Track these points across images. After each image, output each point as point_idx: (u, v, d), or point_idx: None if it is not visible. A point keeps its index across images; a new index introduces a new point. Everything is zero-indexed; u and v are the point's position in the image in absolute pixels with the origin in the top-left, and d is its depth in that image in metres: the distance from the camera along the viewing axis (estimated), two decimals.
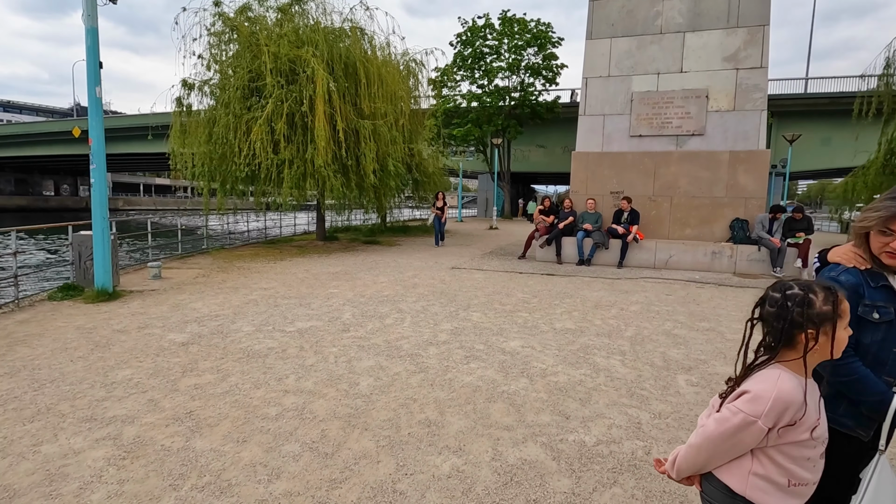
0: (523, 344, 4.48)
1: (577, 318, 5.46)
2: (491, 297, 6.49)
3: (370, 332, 4.81)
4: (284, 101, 10.61)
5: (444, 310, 5.76)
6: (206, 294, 6.56)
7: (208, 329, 4.84)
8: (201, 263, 9.58)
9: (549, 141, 37.16)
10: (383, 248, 12.93)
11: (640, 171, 9.68)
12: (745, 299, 6.64)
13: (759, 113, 9.02)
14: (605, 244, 9.34)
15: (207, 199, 12.47)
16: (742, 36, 9.01)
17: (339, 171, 11.43)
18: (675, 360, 4.11)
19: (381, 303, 6.10)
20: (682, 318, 5.59)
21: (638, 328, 5.10)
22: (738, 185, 9.13)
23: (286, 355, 4.10)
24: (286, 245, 13.22)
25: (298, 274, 8.33)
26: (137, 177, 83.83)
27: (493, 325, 5.14)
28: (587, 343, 4.55)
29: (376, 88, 11.78)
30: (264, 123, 10.41)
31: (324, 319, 5.25)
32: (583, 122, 10.08)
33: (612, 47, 9.76)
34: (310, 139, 10.71)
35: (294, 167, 10.85)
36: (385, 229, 18.07)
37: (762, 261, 8.62)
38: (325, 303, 6.07)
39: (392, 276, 8.11)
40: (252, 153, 10.58)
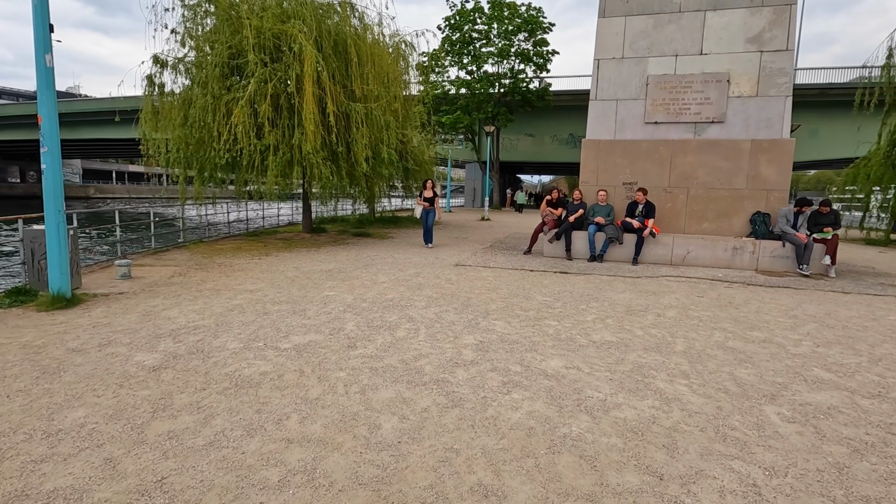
0: (566, 364, 3.79)
1: (613, 328, 4.79)
2: (509, 301, 5.78)
3: (381, 348, 4.06)
4: (269, 80, 9.66)
5: (460, 317, 5.03)
6: (183, 298, 5.70)
7: (186, 346, 4.02)
8: (177, 259, 8.65)
9: (537, 130, 36.50)
10: (376, 241, 12.11)
11: (654, 160, 9.05)
12: (785, 302, 6.07)
13: (783, 99, 8.44)
14: (619, 239, 8.71)
15: (184, 187, 11.47)
16: (767, 15, 8.38)
17: (329, 158, 10.56)
18: (750, 384, 3.46)
19: (386, 309, 5.34)
20: (729, 326, 4.97)
21: (687, 340, 4.46)
22: (760, 177, 8.57)
23: (284, 383, 3.33)
24: (270, 238, 12.30)
25: (287, 272, 7.50)
26: (110, 164, 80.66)
27: (522, 337, 4.44)
28: (639, 361, 3.88)
29: (369, 69, 10.89)
30: (246, 105, 9.45)
31: (324, 332, 4.47)
32: (594, 108, 9.38)
33: (627, 26, 9.05)
34: (297, 123, 9.79)
35: (279, 153, 9.94)
36: (375, 220, 17.23)
37: (786, 257, 8.10)
38: (323, 309, 5.28)
39: (392, 275, 7.34)
40: (233, 138, 9.63)
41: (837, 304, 6.03)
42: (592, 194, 9.34)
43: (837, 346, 4.36)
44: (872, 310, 5.75)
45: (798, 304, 6.00)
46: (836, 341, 4.52)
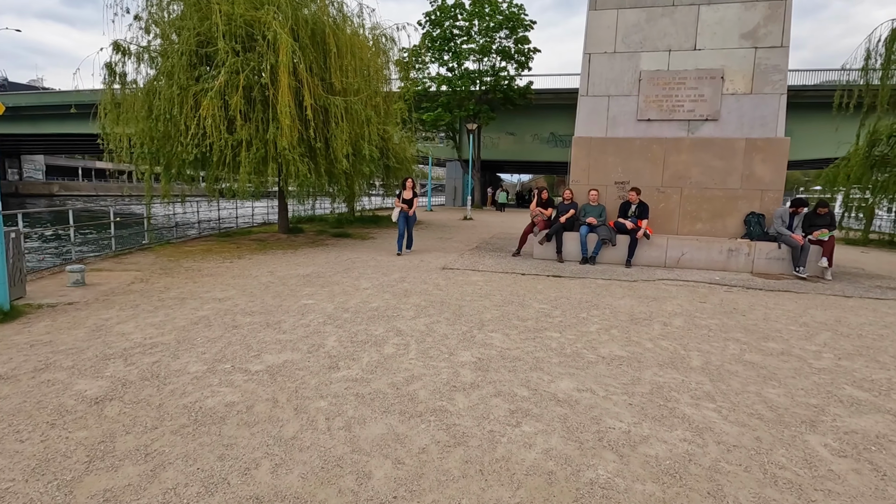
0: (577, 385, 3.37)
1: (620, 340, 4.40)
2: (504, 310, 5.35)
3: (368, 369, 3.57)
4: (241, 71, 9.01)
5: (453, 329, 4.57)
6: (142, 309, 5.09)
7: (138, 370, 3.46)
8: (140, 263, 7.96)
9: (518, 128, 36.27)
10: (356, 242, 11.56)
11: (647, 158, 8.75)
12: (790, 307, 5.80)
13: (778, 97, 8.24)
14: (612, 241, 8.38)
15: (149, 185, 10.71)
16: (762, 10, 8.16)
17: (307, 154, 9.95)
18: (783, 407, 3.10)
19: (371, 320, 4.84)
20: (741, 335, 4.64)
21: (702, 354, 4.09)
22: (755, 176, 8.35)
23: (254, 417, 2.82)
24: (244, 239, 11.62)
25: (261, 277, 6.92)
26: (76, 160, 77.51)
27: (524, 352, 4.01)
28: (656, 380, 3.49)
29: (348, 61, 10.31)
30: (216, 97, 8.79)
31: (301, 349, 3.95)
32: (584, 104, 9.03)
33: (619, 19, 8.72)
34: (271, 117, 9.17)
35: (253, 149, 9.31)
36: (354, 220, 16.62)
37: (782, 259, 7.89)
38: (300, 321, 4.75)
39: (376, 280, 6.84)
40: (202, 132, 8.95)
41: (844, 309, 5.79)
42: (583, 194, 9.00)
43: (860, 359, 4.06)
44: (881, 315, 5.52)
45: (804, 309, 5.73)
46: (857, 352, 4.22)
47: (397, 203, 9.38)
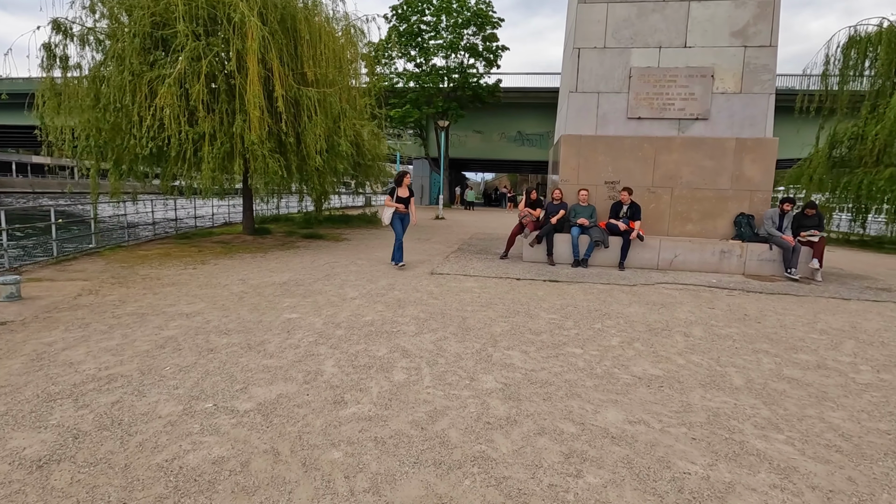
0: (626, 416, 2.94)
1: (648, 356, 4.03)
2: (512, 322, 4.89)
3: (380, 402, 3.02)
4: (203, 56, 8.16)
5: (465, 347, 4.07)
6: (94, 329, 4.31)
7: (94, 415, 2.77)
8: (88, 271, 7.03)
9: (486, 127, 36.07)
10: (330, 244, 10.84)
11: (638, 158, 8.52)
12: (799, 312, 5.63)
13: (767, 97, 8.17)
14: (604, 242, 8.09)
15: (96, 182, 9.63)
16: (752, 9, 8.06)
17: (276, 149, 9.18)
18: (856, 435, 2.78)
19: (369, 337, 4.27)
20: (767, 346, 4.36)
21: (739, 370, 3.77)
22: (745, 177, 8.27)
23: (252, 480, 2.22)
24: (205, 241, 10.69)
25: (232, 286, 6.18)
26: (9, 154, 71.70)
27: (552, 374, 3.55)
28: (708, 406, 3.11)
29: (322, 50, 9.59)
30: (174, 85, 7.92)
31: (296, 378, 3.35)
32: (574, 100, 8.70)
33: (609, 13, 8.43)
34: (238, 108, 8.39)
35: (217, 143, 8.49)
36: (324, 219, 15.81)
37: (773, 261, 7.82)
38: (287, 340, 4.12)
39: (362, 288, 6.24)
40: (159, 124, 8.05)
41: (851, 314, 5.67)
42: (572, 194, 8.68)
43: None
44: (890, 320, 5.41)
45: (814, 314, 5.57)
46: (891, 363, 4.01)
47: (389, 203, 7.64)
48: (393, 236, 7.90)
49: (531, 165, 46.90)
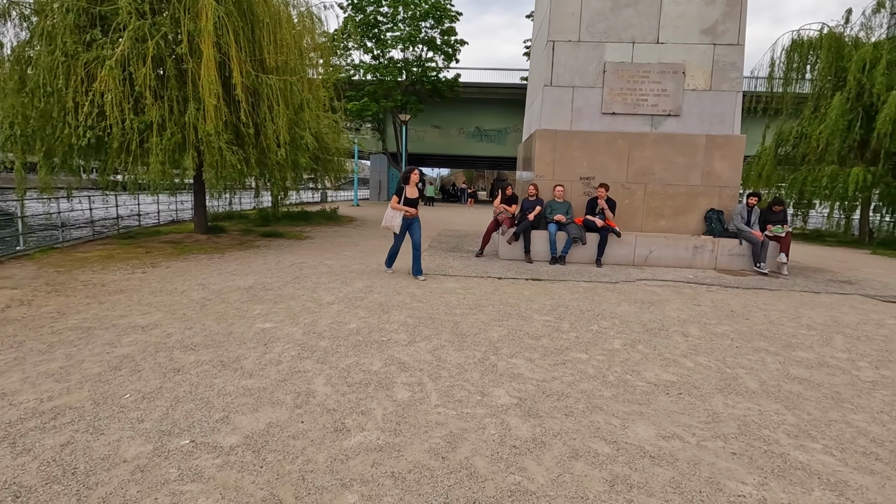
0: (657, 430, 2.72)
1: (655, 359, 3.87)
2: (507, 326, 4.62)
3: (388, 427, 2.65)
4: (149, 37, 7.36)
5: (465, 357, 3.76)
6: (30, 349, 3.67)
7: (38, 462, 2.25)
8: (17, 277, 6.17)
9: (444, 122, 35.77)
10: (293, 243, 10.21)
11: (613, 153, 8.48)
12: (780, 307, 5.70)
13: (735, 94, 8.33)
14: (582, 239, 7.99)
15: (22, 176, 8.58)
16: (721, 7, 8.17)
17: (234, 141, 8.49)
18: (886, 440, 2.70)
19: (358, 348, 3.87)
20: (764, 344, 4.33)
21: (749, 372, 3.67)
22: (714, 173, 8.40)
23: None
24: (152, 241, 9.80)
25: (191, 293, 5.57)
26: None
27: (565, 384, 3.31)
28: (734, 414, 2.95)
29: (281, 35, 8.94)
30: (116, 68, 7.09)
31: (285, 402, 2.92)
32: (549, 94, 8.54)
33: (584, 6, 8.31)
34: (191, 95, 7.63)
35: (167, 134, 7.71)
36: (281, 216, 15.00)
37: (743, 255, 7.99)
38: (266, 355, 3.66)
39: (338, 292, 5.79)
40: (98, 111, 7.21)
41: (828, 307, 5.80)
42: (547, 190, 8.53)
43: (894, 366, 3.87)
44: (863, 314, 5.57)
45: (795, 309, 5.65)
46: (884, 358, 4.06)
47: (396, 205, 6.45)
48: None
49: (488, 161, 47.12)
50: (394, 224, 6.50)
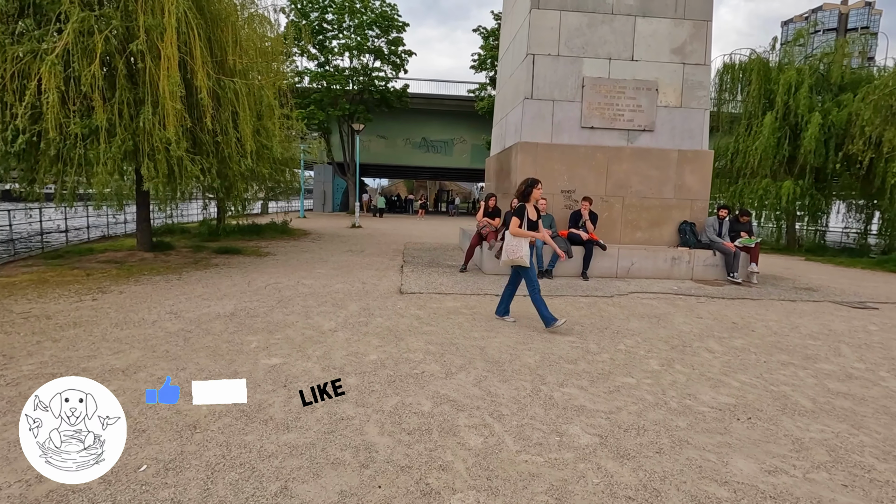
0: (757, 464, 2.57)
1: (699, 379, 3.78)
2: (534, 348, 4.37)
3: (480, 483, 2.29)
4: (97, 31, 6.47)
5: (515, 389, 3.46)
6: None
7: None
8: None
9: (390, 132, 35.39)
10: (254, 260, 9.40)
11: (592, 167, 8.57)
12: (773, 317, 5.90)
13: (703, 112, 8.72)
14: (569, 252, 7.95)
15: None
16: (688, 28, 8.54)
17: (191, 149, 7.68)
18: None
19: (393, 385, 3.45)
20: (785, 357, 4.39)
21: (794, 389, 3.66)
22: (685, 186, 8.72)
23: None
24: (88, 260, 8.63)
25: (165, 323, 4.83)
26: None
27: (634, 415, 3.10)
28: (812, 437, 2.88)
29: (245, 34, 8.27)
30: (59, 64, 6.14)
31: (346, 463, 2.46)
32: (529, 107, 8.50)
33: (562, 21, 8.38)
34: (147, 98, 6.78)
35: (116, 140, 6.79)
36: (231, 230, 13.91)
37: (717, 265, 8.32)
38: (291, 400, 3.14)
39: (335, 316, 5.28)
40: (31, 112, 6.22)
41: (813, 316, 6.09)
42: None
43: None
44: (846, 320, 5.90)
45: (786, 318, 5.88)
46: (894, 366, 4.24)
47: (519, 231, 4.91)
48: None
49: (430, 171, 47.18)
50: (521, 255, 4.90)
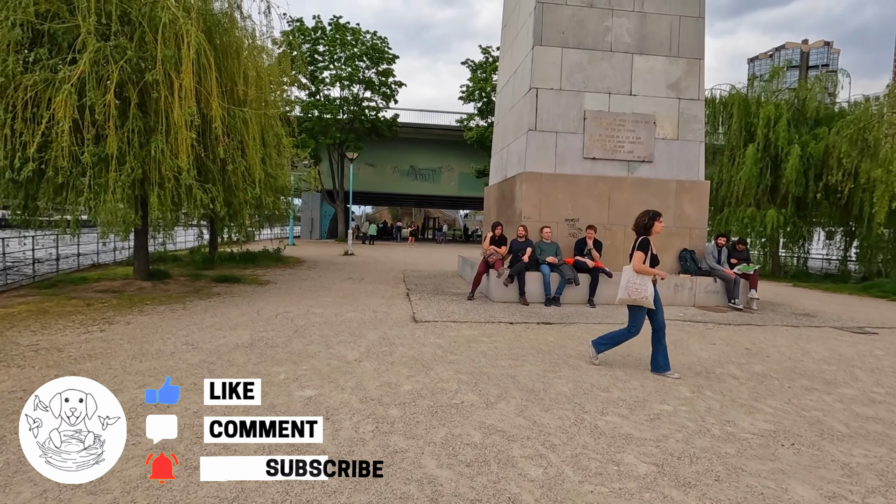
0: (814, 490, 2.61)
1: (733, 406, 3.84)
2: (565, 377, 4.40)
3: None
4: (112, 61, 6.50)
5: (559, 418, 3.46)
6: (12, 456, 2.79)
7: None
8: None
9: (378, 160, 35.71)
10: (256, 288, 9.28)
11: (594, 196, 8.79)
12: (782, 342, 6.05)
13: (698, 144, 9.07)
14: (575, 280, 8.06)
15: None
16: (682, 66, 8.97)
17: (198, 177, 7.66)
18: None
19: (436, 416, 3.42)
20: (807, 382, 4.49)
21: (826, 415, 3.74)
22: (685, 215, 8.99)
23: None
24: (84, 290, 8.42)
25: (184, 354, 4.73)
26: None
27: (681, 442, 3.13)
28: (859, 462, 2.94)
29: (253, 64, 8.40)
30: (74, 94, 6.14)
31: (414, 497, 2.42)
32: (533, 138, 8.73)
33: (564, 57, 8.72)
34: (160, 126, 6.78)
35: (126, 168, 6.75)
36: (226, 258, 13.72)
37: (718, 292, 8.51)
38: (339, 433, 3.09)
39: (355, 346, 5.23)
40: (43, 141, 6.17)
41: (821, 341, 6.26)
42: (533, 231, 8.59)
43: None
44: (852, 345, 6.07)
45: (795, 343, 6.03)
46: None
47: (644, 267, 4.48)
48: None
49: (418, 199, 47.54)
50: (646, 296, 4.43)
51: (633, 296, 4.48)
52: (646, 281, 4.45)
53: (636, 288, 4.46)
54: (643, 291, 4.43)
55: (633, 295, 4.48)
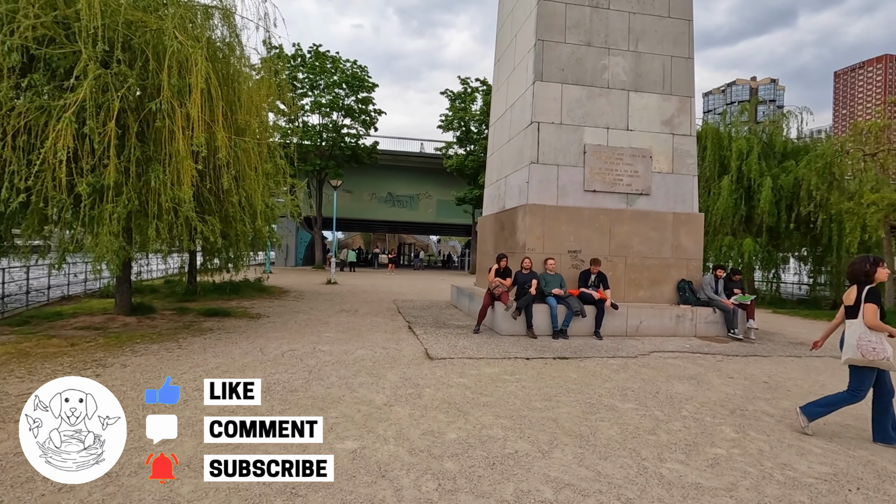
0: None
1: (778, 446, 3.83)
2: (608, 419, 4.30)
3: None
4: (113, 89, 6.23)
5: (621, 468, 3.34)
6: None
7: None
8: None
9: (357, 186, 35.56)
10: (250, 323, 8.88)
11: (596, 228, 8.90)
12: (794, 374, 6.14)
13: (691, 177, 9.37)
14: (582, 312, 8.06)
15: None
16: (675, 103, 9.33)
17: (196, 209, 7.35)
18: None
19: (495, 468, 3.25)
20: (839, 418, 4.54)
21: (886, 458, 3.76)
22: (681, 247, 9.19)
23: None
24: (61, 326, 7.87)
25: (198, 402, 4.39)
26: None
27: (752, 490, 3.06)
28: None
29: (256, 93, 8.24)
30: (73, 122, 5.82)
31: None
32: (535, 171, 8.83)
33: (564, 93, 8.93)
34: (162, 156, 6.50)
35: (122, 199, 6.41)
36: (209, 289, 13.16)
37: (717, 322, 8.67)
38: (401, 492, 2.88)
39: (378, 388, 5.00)
40: (35, 170, 5.80)
41: (829, 373, 6.41)
42: (537, 262, 8.59)
43: None
44: None
45: (807, 374, 6.14)
46: None
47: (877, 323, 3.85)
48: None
49: (392, 225, 47.40)
50: (887, 356, 3.78)
51: (868, 356, 3.81)
52: (881, 339, 3.81)
53: (872, 347, 3.80)
54: (882, 352, 3.77)
55: (868, 356, 3.81)
